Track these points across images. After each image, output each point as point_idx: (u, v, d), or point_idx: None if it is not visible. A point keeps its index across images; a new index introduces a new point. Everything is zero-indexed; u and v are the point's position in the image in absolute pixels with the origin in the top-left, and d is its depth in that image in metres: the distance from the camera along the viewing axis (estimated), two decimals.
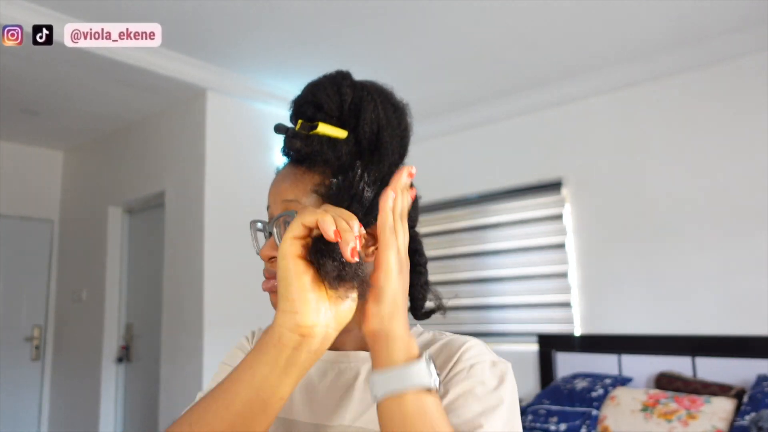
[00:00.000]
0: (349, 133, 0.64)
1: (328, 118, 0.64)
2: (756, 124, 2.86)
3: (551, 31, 2.82)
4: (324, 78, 0.67)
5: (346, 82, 0.66)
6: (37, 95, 3.32)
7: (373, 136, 0.64)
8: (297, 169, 0.66)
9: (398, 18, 2.67)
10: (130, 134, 3.85)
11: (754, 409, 2.39)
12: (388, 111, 0.66)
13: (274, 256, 0.65)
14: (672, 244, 3.05)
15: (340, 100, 0.65)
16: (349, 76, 0.68)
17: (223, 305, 3.14)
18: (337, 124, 0.64)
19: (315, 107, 0.65)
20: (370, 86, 0.67)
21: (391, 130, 0.65)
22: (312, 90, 0.66)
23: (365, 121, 0.64)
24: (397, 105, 0.68)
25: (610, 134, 3.35)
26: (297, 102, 0.67)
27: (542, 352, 3.39)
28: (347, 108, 0.65)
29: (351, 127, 0.64)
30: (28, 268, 4.21)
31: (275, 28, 2.73)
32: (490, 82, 3.46)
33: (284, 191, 0.66)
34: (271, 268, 0.66)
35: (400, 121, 0.67)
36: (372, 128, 0.64)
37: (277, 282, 0.53)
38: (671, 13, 2.67)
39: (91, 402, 3.76)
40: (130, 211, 3.99)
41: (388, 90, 0.69)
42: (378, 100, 0.66)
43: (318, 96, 0.65)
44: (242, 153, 3.41)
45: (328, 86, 0.66)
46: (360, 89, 0.66)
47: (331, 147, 0.63)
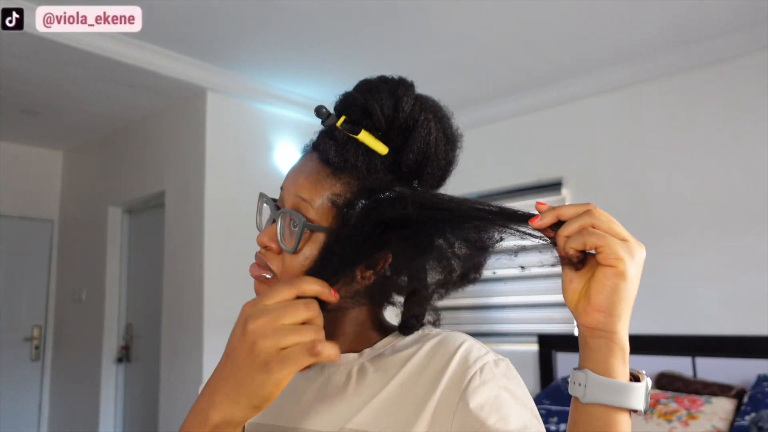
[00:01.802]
0: (390, 151, 0.59)
1: (374, 129, 0.59)
2: (756, 124, 2.86)
3: (551, 31, 2.82)
4: (383, 83, 0.61)
5: (408, 97, 0.60)
6: (37, 95, 3.32)
7: (416, 164, 0.60)
8: (322, 168, 0.61)
9: (398, 18, 2.66)
10: (130, 134, 3.85)
11: (754, 409, 2.38)
12: (440, 141, 0.61)
13: (270, 246, 0.63)
14: (672, 244, 3.05)
15: (394, 114, 0.59)
16: (412, 88, 0.62)
17: (223, 305, 3.14)
18: (381, 138, 0.59)
19: (364, 112, 0.59)
20: (431, 107, 0.62)
21: (436, 162, 0.61)
22: (366, 92, 0.60)
23: (412, 147, 0.59)
24: (450, 136, 0.63)
25: (610, 134, 3.35)
26: (346, 98, 0.61)
27: (542, 352, 3.39)
28: (398, 125, 0.59)
29: (395, 146, 0.59)
30: (28, 268, 4.21)
31: (275, 28, 2.73)
32: (490, 82, 3.46)
33: (301, 186, 0.61)
34: (263, 256, 0.64)
35: (448, 154, 0.63)
36: (417, 156, 0.59)
37: (248, 387, 0.50)
38: (671, 13, 2.67)
39: (91, 402, 3.76)
40: (130, 211, 3.98)
41: (448, 115, 0.64)
42: (434, 126, 0.61)
43: (371, 102, 0.59)
44: (242, 153, 3.41)
45: (385, 95, 0.60)
46: (419, 109, 0.60)
47: (365, 159, 0.59)
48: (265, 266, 0.64)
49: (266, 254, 0.64)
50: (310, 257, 0.60)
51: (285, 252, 0.62)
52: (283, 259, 0.62)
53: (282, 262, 0.62)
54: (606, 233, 0.50)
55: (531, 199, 3.60)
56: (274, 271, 0.63)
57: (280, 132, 3.58)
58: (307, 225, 0.60)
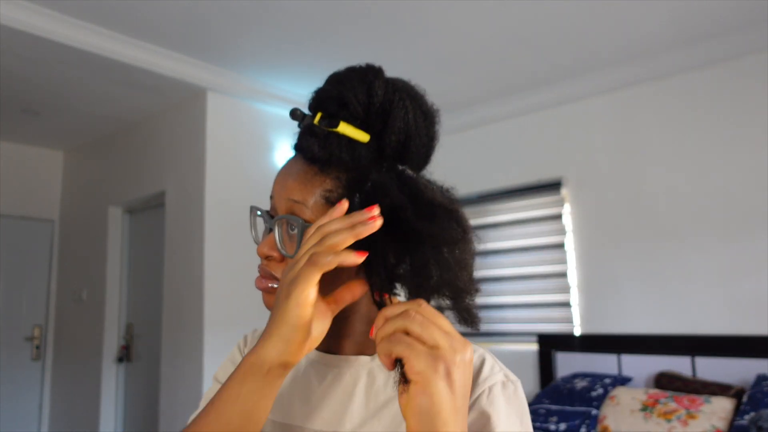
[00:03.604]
0: (372, 138, 0.59)
1: (352, 118, 0.59)
2: (756, 124, 2.87)
3: (551, 31, 2.82)
4: (353, 72, 0.61)
5: (378, 81, 0.60)
6: (37, 95, 3.32)
7: (399, 145, 0.60)
8: (309, 167, 0.61)
9: (398, 18, 2.67)
10: (130, 134, 3.85)
11: (753, 409, 2.39)
12: (419, 118, 0.61)
13: (271, 255, 0.63)
14: (671, 244, 3.05)
15: (368, 100, 0.59)
16: (381, 73, 0.62)
17: (223, 305, 3.14)
18: (360, 126, 0.59)
19: (339, 104, 0.59)
20: (403, 87, 0.62)
21: (419, 140, 0.61)
22: (338, 84, 0.60)
23: (393, 128, 0.59)
24: (427, 112, 0.63)
25: (610, 134, 3.36)
26: (319, 94, 0.61)
27: (542, 352, 3.39)
28: (375, 110, 0.59)
29: (376, 131, 0.59)
30: (28, 268, 4.21)
31: (275, 28, 2.73)
32: (490, 82, 3.46)
33: (291, 189, 0.61)
34: (266, 266, 0.64)
35: (428, 130, 0.62)
36: (399, 137, 0.59)
37: (278, 318, 0.53)
38: (671, 13, 2.67)
39: (91, 402, 3.77)
40: (130, 211, 3.99)
41: (421, 93, 0.64)
42: (410, 105, 0.60)
43: (344, 92, 0.59)
44: (242, 153, 3.41)
45: (357, 83, 0.60)
46: (392, 91, 0.60)
47: (349, 150, 0.58)
48: (270, 276, 0.64)
49: (269, 264, 0.64)
50: None
51: (288, 258, 0.61)
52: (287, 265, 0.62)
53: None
54: (415, 340, 0.48)
55: (531, 199, 3.60)
56: (279, 279, 0.63)
57: (280, 132, 3.58)
58: (305, 226, 0.59)
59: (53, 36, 2.59)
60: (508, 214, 3.68)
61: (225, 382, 0.55)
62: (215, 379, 0.75)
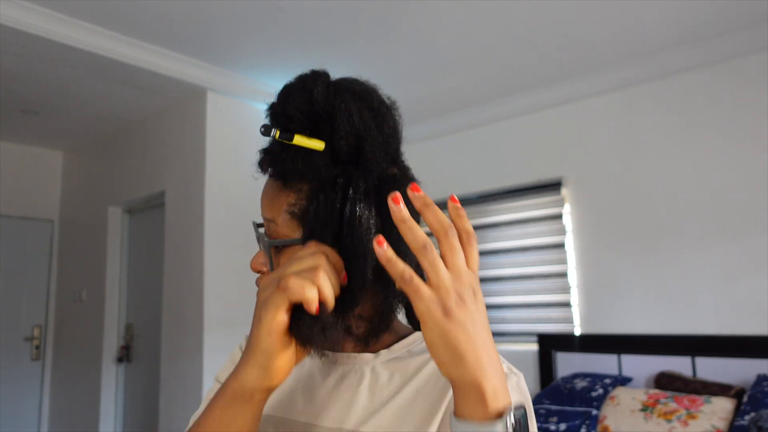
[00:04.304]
0: (326, 144, 0.59)
1: (301, 129, 0.59)
2: (756, 124, 2.87)
3: (551, 31, 2.82)
4: (296, 81, 0.62)
5: (318, 87, 0.60)
6: (37, 95, 3.32)
7: (350, 147, 0.59)
8: (274, 183, 0.62)
9: (398, 19, 2.67)
10: (130, 134, 3.85)
11: (753, 409, 2.39)
12: (366, 117, 0.60)
13: (261, 270, 0.65)
14: (672, 244, 3.05)
15: (310, 109, 0.59)
16: (323, 77, 0.62)
17: (223, 305, 3.14)
18: (312, 135, 0.59)
19: (286, 118, 0.60)
20: (345, 88, 0.61)
21: (371, 139, 0.59)
22: (283, 98, 0.61)
23: (339, 132, 0.58)
24: (377, 108, 0.61)
25: (610, 134, 3.36)
26: (270, 110, 0.62)
27: (542, 352, 3.39)
28: (318, 117, 0.59)
29: (326, 137, 0.59)
30: (28, 268, 4.21)
31: (275, 28, 2.73)
32: (490, 82, 3.46)
33: (264, 208, 0.64)
34: (259, 281, 0.64)
35: (382, 126, 0.61)
36: (348, 139, 0.58)
37: (252, 343, 0.53)
38: (671, 13, 2.67)
39: (91, 402, 3.77)
40: (130, 211, 3.99)
41: (368, 90, 0.62)
42: (353, 106, 0.59)
43: (287, 106, 0.60)
44: (242, 153, 3.41)
45: (297, 93, 0.60)
46: (333, 95, 0.60)
47: (306, 161, 0.58)
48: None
49: (262, 278, 0.65)
50: None
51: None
52: None
53: None
54: (421, 283, 0.47)
55: (531, 199, 3.60)
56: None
57: None
58: (271, 243, 0.62)
59: (53, 36, 2.58)
60: (508, 214, 3.68)
61: (209, 404, 0.56)
62: (217, 380, 0.76)
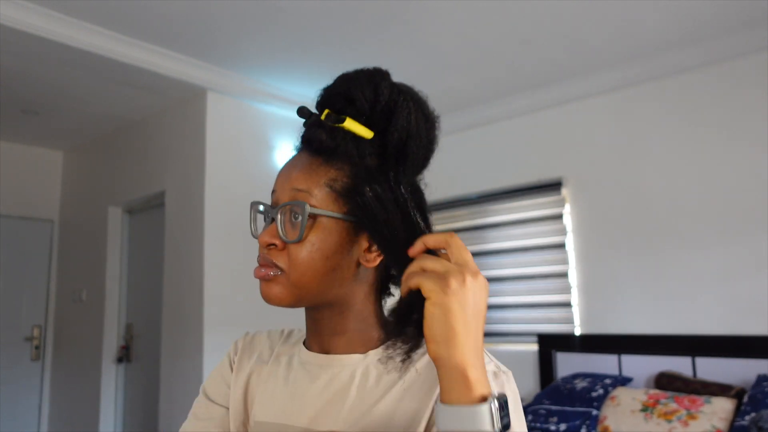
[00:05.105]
0: (375, 135, 0.63)
1: (358, 115, 0.63)
2: (756, 124, 2.86)
3: (551, 31, 2.82)
4: (361, 73, 0.65)
5: (385, 82, 0.64)
6: (37, 95, 3.32)
7: (401, 143, 0.63)
8: (314, 159, 0.64)
9: (398, 18, 2.67)
10: (130, 134, 3.85)
11: (754, 409, 2.38)
12: (420, 120, 0.64)
13: (273, 243, 0.64)
14: (672, 244, 3.05)
15: (374, 99, 0.63)
16: (388, 76, 0.66)
17: (223, 305, 3.14)
18: (365, 123, 0.63)
19: (347, 101, 0.63)
20: (407, 91, 0.65)
21: (419, 141, 0.64)
22: (347, 83, 0.64)
23: (396, 126, 0.62)
24: (428, 116, 0.66)
25: (610, 134, 3.35)
26: (328, 91, 0.65)
27: (542, 352, 3.39)
28: (380, 109, 0.63)
29: (379, 129, 0.63)
30: (28, 268, 4.21)
31: (275, 28, 2.73)
32: (490, 82, 3.46)
33: (296, 179, 0.64)
34: (267, 255, 0.65)
35: (429, 133, 0.65)
36: (401, 135, 0.62)
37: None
38: (671, 13, 2.67)
39: (91, 402, 3.76)
40: (130, 211, 3.99)
41: (423, 98, 0.67)
42: (413, 107, 0.64)
43: (352, 90, 0.63)
44: (242, 153, 3.41)
45: (364, 82, 0.64)
46: (397, 92, 0.64)
47: (354, 144, 0.62)
48: (270, 264, 0.65)
49: (270, 252, 0.65)
50: (316, 244, 0.62)
51: (290, 245, 0.63)
52: (289, 252, 0.63)
53: (288, 256, 0.64)
54: (424, 272, 0.54)
55: (531, 199, 3.60)
56: (281, 267, 0.64)
57: (280, 132, 3.58)
58: (313, 210, 0.62)
59: (53, 36, 2.58)
60: (508, 214, 3.68)
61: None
62: (204, 393, 0.76)
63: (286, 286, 0.64)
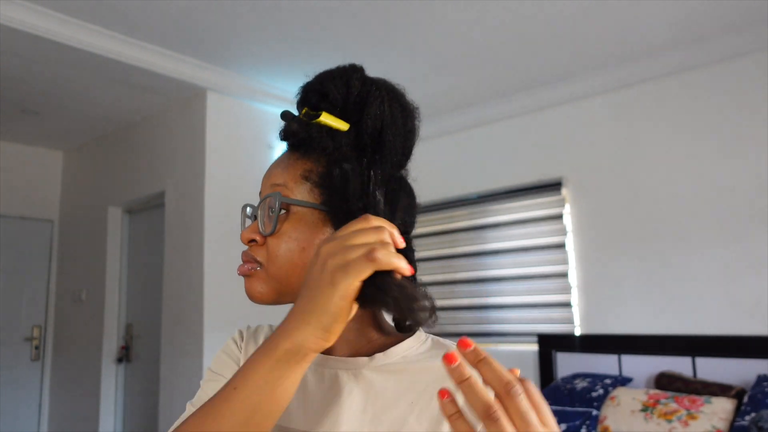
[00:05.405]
0: (351, 127, 0.63)
1: (333, 108, 0.64)
2: (756, 124, 2.86)
3: (551, 31, 2.82)
4: (335, 69, 0.67)
5: (356, 75, 0.65)
6: (37, 95, 3.32)
7: (375, 132, 0.63)
8: (292, 155, 0.66)
9: (398, 18, 2.67)
10: (130, 134, 3.85)
11: (754, 410, 2.38)
12: (395, 110, 0.65)
13: (253, 239, 0.65)
14: (672, 244, 3.05)
15: (346, 91, 0.64)
16: (361, 70, 0.67)
17: (223, 305, 3.14)
18: (341, 117, 0.64)
19: (320, 96, 0.64)
20: (381, 83, 0.66)
21: (395, 129, 0.64)
22: (320, 78, 0.66)
23: (369, 115, 0.63)
24: (405, 106, 0.67)
25: (610, 134, 3.35)
26: (304, 89, 0.67)
27: (542, 352, 3.39)
28: (353, 100, 0.64)
29: (354, 120, 0.63)
30: (28, 268, 4.21)
31: (275, 28, 2.73)
32: (490, 82, 3.46)
33: (275, 176, 0.66)
34: (250, 252, 0.66)
35: (405, 122, 0.66)
36: (375, 124, 0.63)
37: (318, 305, 0.51)
38: (671, 13, 2.67)
39: (91, 402, 3.76)
40: (130, 211, 3.99)
41: (400, 90, 0.68)
42: (386, 97, 0.65)
43: (325, 85, 0.65)
44: (242, 153, 3.41)
45: (337, 77, 0.65)
46: (369, 84, 0.65)
47: (330, 137, 0.63)
48: (252, 260, 0.66)
49: (252, 248, 0.66)
50: (292, 235, 0.63)
51: (269, 239, 0.64)
52: (268, 247, 0.65)
53: (267, 250, 0.65)
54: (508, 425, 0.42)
55: (531, 199, 3.60)
56: (260, 261, 0.65)
57: None
58: (284, 200, 0.63)
59: (53, 36, 2.58)
60: (508, 214, 3.68)
61: (248, 367, 0.54)
62: (210, 371, 0.74)
63: (266, 280, 0.65)
